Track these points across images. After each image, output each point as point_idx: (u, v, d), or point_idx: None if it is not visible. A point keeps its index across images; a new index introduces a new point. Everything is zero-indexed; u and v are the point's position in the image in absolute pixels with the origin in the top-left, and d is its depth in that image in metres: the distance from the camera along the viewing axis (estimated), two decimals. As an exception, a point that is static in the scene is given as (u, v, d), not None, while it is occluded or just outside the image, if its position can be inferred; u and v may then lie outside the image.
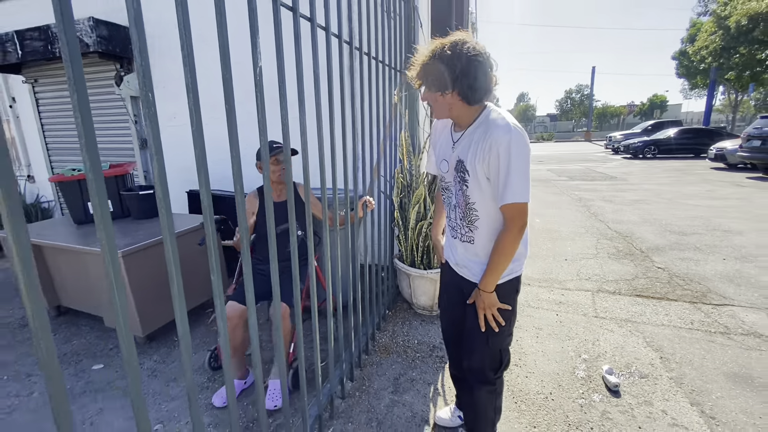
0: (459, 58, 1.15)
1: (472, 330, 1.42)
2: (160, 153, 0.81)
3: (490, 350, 1.42)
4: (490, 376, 1.46)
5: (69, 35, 0.57)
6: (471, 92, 1.19)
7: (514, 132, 1.16)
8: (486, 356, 1.43)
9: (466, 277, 1.44)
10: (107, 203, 0.62)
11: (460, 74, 1.16)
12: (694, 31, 21.62)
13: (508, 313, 1.39)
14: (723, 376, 2.14)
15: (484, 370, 1.45)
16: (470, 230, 1.38)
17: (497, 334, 1.39)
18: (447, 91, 1.21)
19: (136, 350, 2.45)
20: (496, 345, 1.42)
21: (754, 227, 4.99)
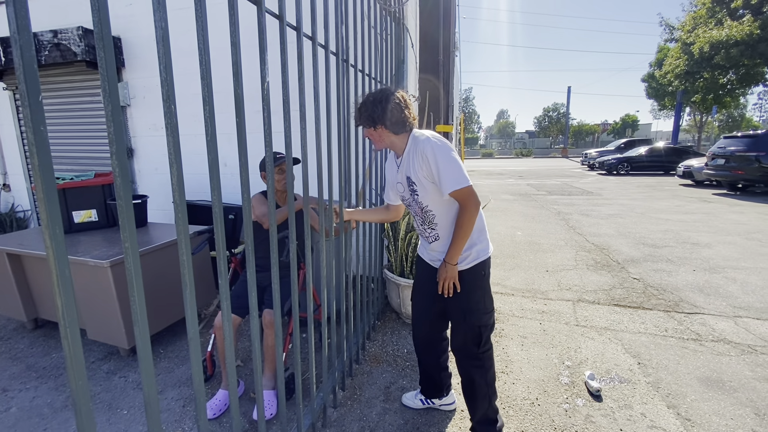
0: (380, 103, 1.55)
1: (451, 311, 1.69)
2: (179, 161, 0.85)
3: (468, 326, 1.65)
4: (473, 351, 1.68)
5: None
6: (393, 125, 1.57)
7: (432, 139, 1.51)
8: (467, 331, 1.66)
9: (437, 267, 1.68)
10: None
11: (383, 113, 1.54)
12: (661, 56, 22.92)
13: (480, 293, 1.64)
14: (696, 380, 2.26)
15: (466, 344, 1.69)
16: (433, 229, 1.66)
17: (473, 311, 1.63)
18: (378, 126, 1.58)
19: (120, 362, 2.41)
20: (473, 321, 1.64)
21: (721, 240, 5.29)
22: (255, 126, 2.01)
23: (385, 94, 1.57)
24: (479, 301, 1.64)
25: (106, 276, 2.26)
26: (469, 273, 1.61)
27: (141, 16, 3.70)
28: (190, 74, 2.22)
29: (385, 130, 1.58)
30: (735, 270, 4.09)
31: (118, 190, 0.73)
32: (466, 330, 1.66)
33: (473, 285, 1.63)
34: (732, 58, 15.65)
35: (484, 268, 1.63)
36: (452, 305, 1.67)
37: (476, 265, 1.61)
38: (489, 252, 1.65)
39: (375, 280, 2.92)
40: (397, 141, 1.62)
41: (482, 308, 1.64)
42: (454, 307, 1.67)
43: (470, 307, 1.64)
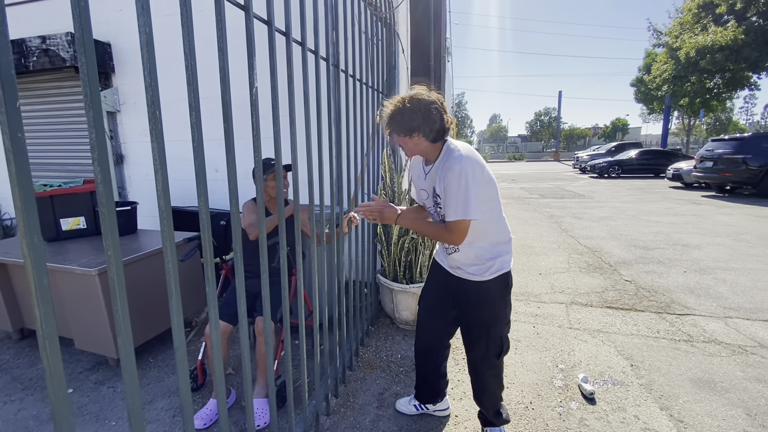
0: (419, 108, 1.41)
1: (472, 323, 1.65)
2: (165, 168, 0.84)
3: (491, 338, 1.62)
4: (493, 361, 1.67)
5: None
6: (432, 133, 1.45)
7: (464, 160, 1.41)
8: (489, 343, 1.63)
9: (462, 276, 1.62)
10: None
11: (422, 121, 1.42)
12: (649, 61, 23.31)
13: (502, 304, 1.62)
14: (688, 382, 2.27)
15: (488, 356, 1.66)
16: None
17: (496, 323, 1.61)
18: (415, 134, 1.45)
19: (109, 372, 2.35)
20: (496, 333, 1.62)
21: (710, 241, 5.35)
22: (245, 131, 2.00)
23: (424, 100, 1.43)
24: (501, 312, 1.63)
25: (94, 284, 2.22)
26: (493, 283, 1.57)
27: (131, 21, 3.66)
28: (182, 79, 2.21)
29: (422, 138, 1.46)
30: (725, 271, 4.14)
31: (101, 197, 0.72)
32: (489, 342, 1.64)
33: (497, 296, 1.60)
34: (717, 63, 15.97)
35: (507, 279, 1.61)
36: (475, 317, 1.64)
37: (500, 276, 1.57)
38: (511, 263, 1.62)
39: (368, 285, 2.91)
40: (431, 149, 1.52)
41: (504, 319, 1.64)
42: (477, 320, 1.64)
43: (494, 318, 1.62)
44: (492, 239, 1.56)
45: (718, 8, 16.02)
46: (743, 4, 14.48)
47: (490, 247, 1.56)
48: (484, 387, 1.77)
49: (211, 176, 3.56)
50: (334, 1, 1.91)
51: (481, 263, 1.56)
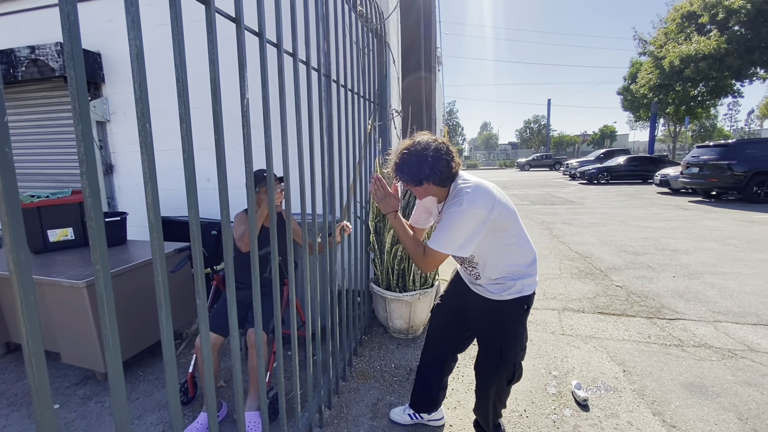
0: (426, 158, 1.43)
1: (487, 344, 1.63)
2: (155, 180, 0.84)
3: (504, 361, 1.58)
4: (503, 387, 1.65)
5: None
6: (440, 180, 1.47)
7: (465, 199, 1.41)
8: (500, 366, 1.60)
9: (482, 294, 1.61)
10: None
11: (430, 170, 1.43)
12: (634, 70, 23.83)
13: (520, 328, 1.58)
14: (680, 387, 2.29)
15: (500, 381, 1.63)
16: (474, 268, 1.60)
17: (511, 347, 1.57)
18: (423, 183, 1.48)
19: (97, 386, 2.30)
20: (510, 357, 1.58)
21: (698, 246, 5.44)
22: (237, 141, 1.99)
23: (429, 150, 1.44)
24: (518, 337, 1.59)
25: (82, 297, 2.18)
26: (510, 305, 1.54)
27: (122, 31, 3.66)
28: (166, 89, 2.20)
29: (431, 185, 1.49)
30: (713, 275, 4.20)
31: (89, 210, 0.71)
32: (500, 365, 1.60)
33: (514, 319, 1.57)
34: (701, 71, 16.37)
35: (527, 302, 1.57)
36: (488, 338, 1.62)
37: (519, 297, 1.54)
38: (534, 287, 1.59)
39: (361, 294, 2.90)
40: (441, 192, 1.54)
41: (519, 344, 1.60)
42: (490, 341, 1.61)
43: (508, 341, 1.57)
44: (510, 261, 1.53)
45: (700, 18, 16.48)
46: (725, 14, 14.92)
47: (509, 268, 1.54)
48: (488, 407, 1.73)
49: (203, 185, 3.54)
50: (326, 13, 1.93)
51: (501, 283, 1.54)
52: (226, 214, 1.13)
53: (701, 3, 15.97)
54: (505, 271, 1.53)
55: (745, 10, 14.15)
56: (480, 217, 1.41)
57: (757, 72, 17.14)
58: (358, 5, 2.36)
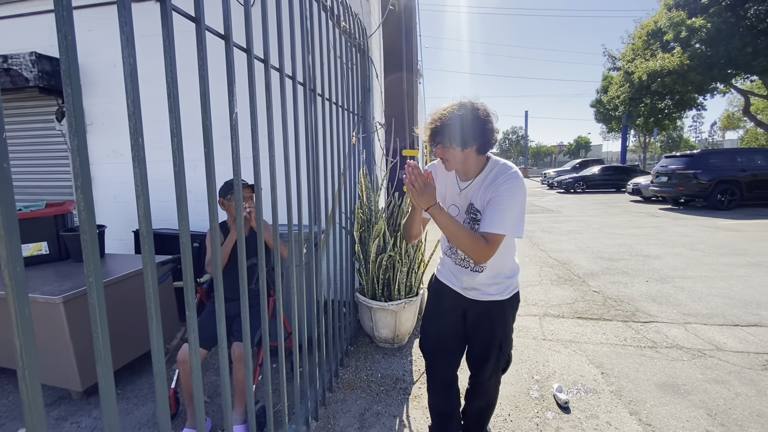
0: (478, 118, 1.34)
1: (487, 342, 1.62)
2: (146, 194, 0.85)
3: (503, 354, 1.65)
4: (499, 376, 1.74)
5: None
6: (485, 146, 1.39)
7: (518, 176, 1.38)
8: (500, 359, 1.65)
9: (477, 299, 1.58)
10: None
11: (479, 131, 1.35)
12: (606, 84, 24.86)
13: (512, 322, 1.67)
14: (654, 386, 2.38)
15: (497, 372, 1.70)
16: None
17: (507, 340, 1.64)
18: (468, 147, 1.37)
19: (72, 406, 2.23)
20: (507, 348, 1.66)
21: (669, 252, 5.68)
22: (221, 152, 2.00)
23: (479, 110, 1.35)
24: (511, 329, 1.67)
25: (59, 313, 2.12)
26: (509, 303, 1.60)
27: (100, 41, 3.63)
28: (152, 100, 2.19)
29: (473, 150, 1.38)
30: (683, 279, 4.40)
31: (83, 223, 0.72)
32: (500, 357, 1.64)
33: (511, 315, 1.63)
34: (667, 86, 17.23)
35: (519, 298, 1.66)
36: (490, 336, 1.61)
37: (515, 294, 1.61)
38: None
39: (347, 305, 2.91)
40: (475, 164, 1.44)
41: (511, 333, 1.68)
42: (492, 338, 1.61)
43: (506, 335, 1.64)
44: (511, 258, 1.57)
45: (665, 36, 17.40)
46: (687, 33, 15.80)
47: (509, 265, 1.56)
48: (486, 402, 1.78)
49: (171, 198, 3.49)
50: (311, 29, 1.99)
51: (500, 282, 1.55)
52: (216, 226, 1.15)
53: (666, 21, 16.88)
54: (504, 268, 1.54)
55: (705, 29, 15.04)
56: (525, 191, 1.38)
57: (717, 87, 18.19)
58: (342, 22, 2.42)
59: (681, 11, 16.36)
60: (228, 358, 2.22)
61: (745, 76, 17.53)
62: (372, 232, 2.77)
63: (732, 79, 17.45)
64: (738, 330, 3.12)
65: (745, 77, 17.75)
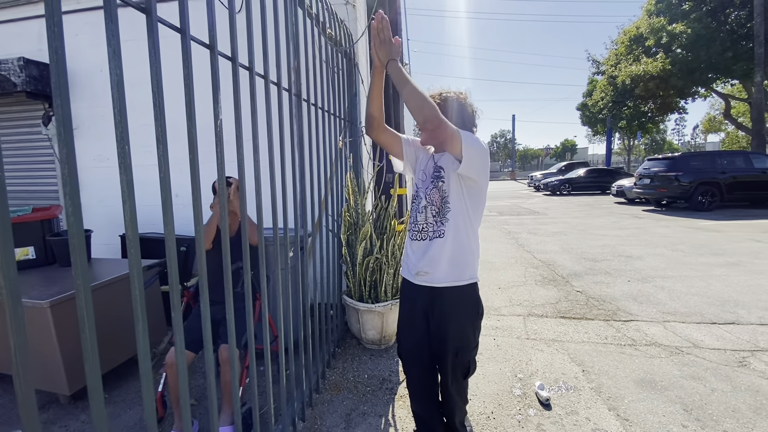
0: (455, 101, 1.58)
1: (442, 350, 1.60)
2: (133, 199, 0.89)
3: (459, 363, 1.60)
4: (460, 382, 1.67)
5: None
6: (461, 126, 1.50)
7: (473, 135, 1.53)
8: (457, 368, 1.61)
9: (427, 284, 1.58)
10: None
11: (457, 114, 1.56)
12: (591, 88, 25.38)
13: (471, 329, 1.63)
14: (633, 383, 2.47)
15: (456, 378, 1.64)
16: (442, 223, 1.55)
17: (464, 348, 1.59)
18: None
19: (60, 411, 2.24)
20: (464, 358, 1.60)
21: (650, 252, 5.83)
22: (206, 157, 2.02)
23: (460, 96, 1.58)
24: (471, 338, 1.62)
25: (45, 317, 2.11)
26: (465, 298, 1.58)
27: (86, 46, 3.62)
28: (135, 105, 2.20)
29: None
30: (663, 279, 4.53)
31: (71, 227, 0.75)
32: (456, 365, 1.60)
33: (467, 321, 1.60)
34: (650, 90, 17.69)
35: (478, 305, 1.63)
36: (442, 346, 1.60)
37: (471, 285, 1.59)
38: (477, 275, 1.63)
39: (334, 307, 2.94)
40: None
41: (472, 343, 1.63)
42: (444, 347, 1.59)
43: (463, 344, 1.59)
44: (472, 238, 1.58)
45: (647, 41, 17.85)
46: (668, 38, 16.25)
47: (469, 245, 1.57)
48: (452, 405, 1.76)
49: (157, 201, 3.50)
50: (296, 36, 2.03)
51: (457, 263, 1.55)
52: (200, 229, 1.18)
53: (647, 27, 17.34)
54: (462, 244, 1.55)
55: (686, 35, 15.50)
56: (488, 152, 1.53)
57: (699, 91, 18.72)
58: (327, 29, 2.47)
59: (662, 17, 16.80)
60: (215, 361, 2.25)
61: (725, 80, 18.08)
62: (359, 235, 2.82)
63: (713, 83, 17.99)
64: (715, 328, 3.24)
65: (725, 81, 18.31)
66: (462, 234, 1.55)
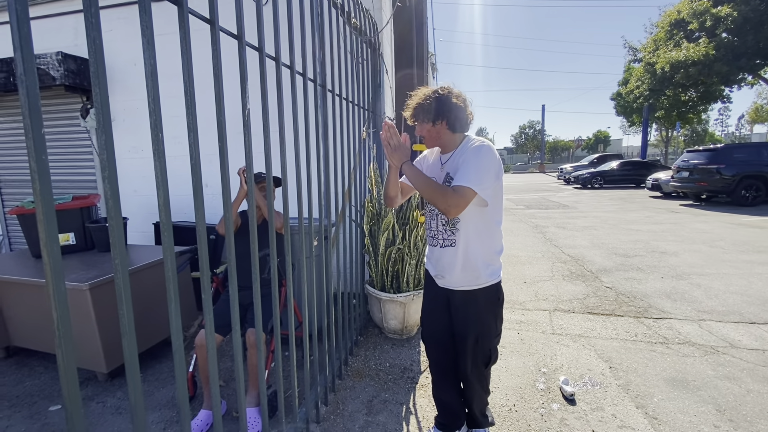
0: (447, 99, 1.53)
1: (462, 336, 1.64)
2: (166, 185, 0.92)
3: (480, 349, 1.63)
4: (481, 370, 1.69)
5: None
6: (455, 122, 1.55)
7: (485, 144, 1.53)
8: (478, 354, 1.64)
9: (447, 287, 1.65)
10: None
11: (447, 109, 1.53)
12: (627, 76, 24.19)
13: (492, 317, 1.64)
14: (663, 381, 2.38)
15: (477, 366, 1.67)
16: (452, 233, 1.60)
17: (485, 335, 1.62)
18: (438, 122, 1.55)
19: (98, 387, 2.37)
20: (485, 345, 1.63)
21: (687, 248, 5.56)
22: (234, 148, 2.08)
23: (451, 92, 1.55)
24: (491, 325, 1.64)
25: (85, 299, 2.25)
26: (483, 295, 1.60)
27: (121, 41, 3.77)
28: (168, 97, 2.28)
29: (444, 126, 1.55)
30: (700, 276, 4.32)
31: (109, 210, 0.79)
32: (477, 352, 1.64)
33: (487, 308, 1.62)
34: (691, 77, 16.68)
35: (498, 292, 1.64)
36: (463, 330, 1.63)
37: (489, 286, 1.60)
38: (500, 274, 1.65)
39: (357, 296, 2.98)
40: (451, 140, 1.60)
41: (494, 331, 1.66)
42: (465, 332, 1.63)
43: (483, 331, 1.62)
44: (488, 243, 1.58)
45: (689, 25, 16.82)
46: (713, 21, 15.25)
47: (480, 250, 1.57)
48: (472, 393, 1.79)
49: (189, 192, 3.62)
50: (321, 26, 2.04)
51: (471, 270, 1.57)
52: (229, 216, 1.22)
53: (690, 11, 16.32)
54: (478, 252, 1.57)
55: (732, 18, 14.48)
56: (498, 161, 1.49)
57: (745, 78, 17.49)
58: (352, 18, 2.46)
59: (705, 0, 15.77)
60: (242, 345, 2.33)
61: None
62: (381, 226, 2.83)
63: (761, 70, 16.75)
64: (755, 328, 3.07)
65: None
66: (473, 243, 1.58)
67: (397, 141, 1.55)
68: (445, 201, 1.42)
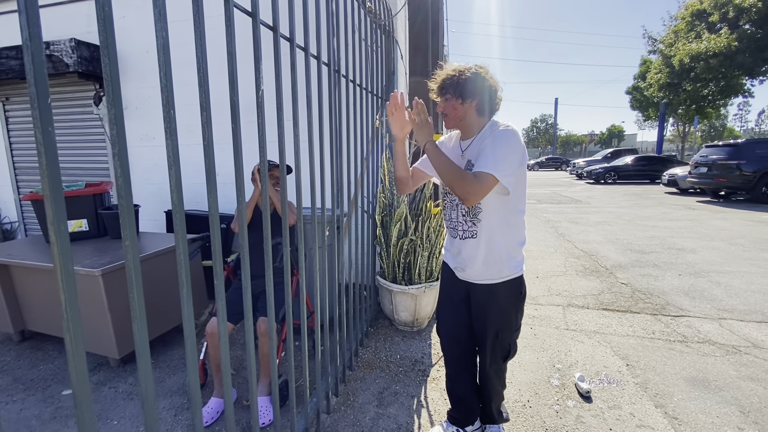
0: (483, 78, 1.44)
1: (482, 331, 1.60)
2: (178, 165, 0.89)
3: (500, 344, 1.60)
4: (499, 364, 1.66)
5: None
6: (484, 104, 1.47)
7: (511, 128, 1.42)
8: (497, 348, 1.61)
9: (467, 280, 1.60)
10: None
11: (481, 89, 1.44)
12: (644, 69, 23.59)
13: (513, 311, 1.59)
14: (683, 381, 2.31)
15: (495, 360, 1.64)
16: (474, 224, 1.53)
17: (506, 329, 1.58)
18: (468, 101, 1.45)
19: (110, 373, 2.36)
20: (505, 339, 1.59)
21: (705, 245, 5.41)
22: (246, 135, 2.04)
23: (483, 73, 1.44)
24: (513, 320, 1.59)
25: (98, 285, 2.25)
26: (504, 289, 1.54)
27: (134, 28, 3.74)
28: (183, 84, 2.25)
29: (473, 107, 1.46)
30: (719, 274, 4.19)
31: (119, 189, 0.76)
32: (496, 346, 1.60)
33: (509, 303, 1.57)
34: (712, 69, 16.19)
35: (521, 286, 1.58)
36: (483, 324, 1.59)
37: (512, 279, 1.54)
38: (523, 268, 1.58)
39: (368, 288, 2.94)
40: (475, 122, 1.50)
41: (515, 325, 1.61)
42: (485, 326, 1.59)
43: (504, 324, 1.57)
44: (511, 234, 1.52)
45: (711, 17, 16.29)
46: (735, 12, 14.75)
47: (507, 243, 1.51)
48: (489, 388, 1.74)
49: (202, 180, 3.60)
50: (335, 9, 1.97)
51: (494, 263, 1.51)
52: (242, 200, 1.18)
53: (711, 1, 15.80)
54: (500, 242, 1.50)
55: (756, 9, 13.99)
56: (522, 146, 1.39)
57: (769, 71, 16.93)
58: (367, 2, 2.39)
59: (729, -11, 15.25)
60: (253, 334, 2.31)
61: (800, 60, 16.21)
62: (394, 216, 2.78)
63: (786, 63, 16.20)
64: (778, 328, 2.97)
65: (800, 61, 16.42)
66: (496, 234, 1.50)
67: (425, 117, 1.49)
68: (463, 187, 1.34)
